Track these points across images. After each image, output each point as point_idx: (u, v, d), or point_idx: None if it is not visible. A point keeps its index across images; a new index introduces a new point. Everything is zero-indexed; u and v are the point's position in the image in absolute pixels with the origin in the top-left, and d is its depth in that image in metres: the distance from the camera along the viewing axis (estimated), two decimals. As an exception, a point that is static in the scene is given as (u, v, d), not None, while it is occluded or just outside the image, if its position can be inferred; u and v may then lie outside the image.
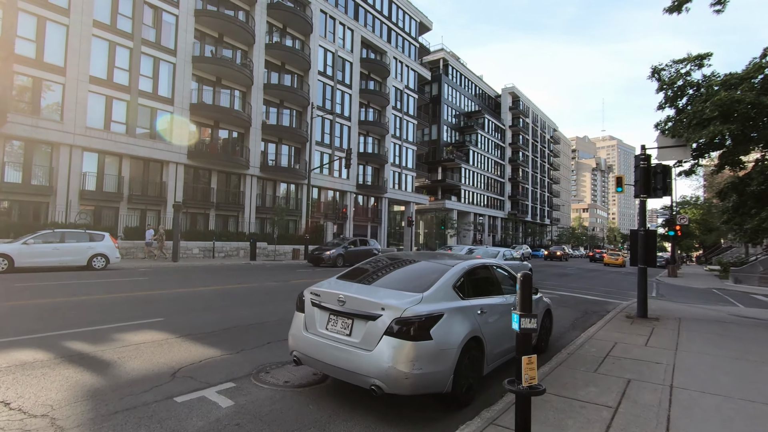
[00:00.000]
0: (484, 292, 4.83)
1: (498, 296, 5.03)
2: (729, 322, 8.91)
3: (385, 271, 4.84)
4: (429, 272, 4.47)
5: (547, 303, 6.61)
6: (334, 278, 4.78)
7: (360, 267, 5.05)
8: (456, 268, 4.52)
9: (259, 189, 31.46)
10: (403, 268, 4.88)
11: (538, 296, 6.23)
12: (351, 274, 4.86)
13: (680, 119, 8.68)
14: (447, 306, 3.95)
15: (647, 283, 9.35)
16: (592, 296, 13.67)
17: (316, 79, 35.38)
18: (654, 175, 9.09)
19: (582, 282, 19.49)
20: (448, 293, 4.11)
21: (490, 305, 4.67)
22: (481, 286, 4.93)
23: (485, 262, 5.25)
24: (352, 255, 21.96)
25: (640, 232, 9.13)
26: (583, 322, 9.16)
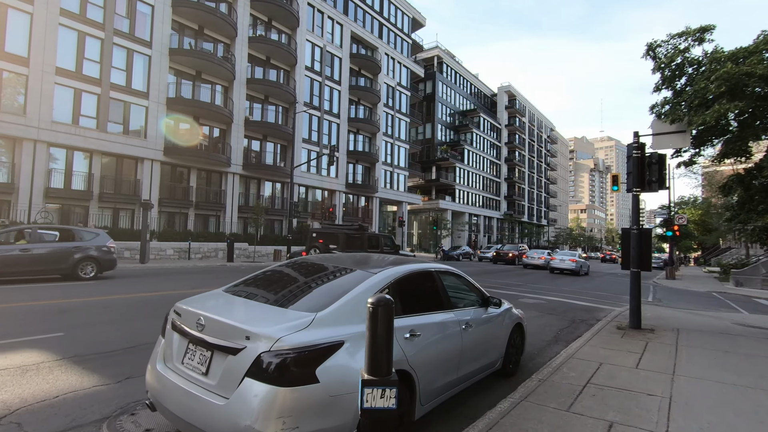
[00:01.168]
0: (421, 308, 3.69)
1: (443, 312, 3.89)
2: (735, 335, 7.78)
3: (290, 281, 3.69)
4: (343, 283, 3.32)
5: (517, 316, 5.47)
6: (222, 289, 3.64)
7: (262, 275, 3.91)
8: (377, 276, 3.38)
9: (242, 188, 30.31)
10: (317, 278, 3.73)
11: (504, 308, 5.10)
12: (247, 283, 3.72)
13: (678, 102, 7.57)
14: (352, 330, 2.81)
15: (641, 288, 8.22)
16: (583, 302, 12.54)
17: (303, 75, 34.25)
18: (648, 166, 7.96)
19: (575, 285, 18.38)
20: (358, 312, 2.97)
21: (427, 325, 3.53)
22: (420, 300, 3.79)
23: (428, 267, 4.10)
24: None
25: (633, 230, 8.00)
26: (569, 333, 8.02)
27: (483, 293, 4.80)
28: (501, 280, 18.90)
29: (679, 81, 7.79)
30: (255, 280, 3.74)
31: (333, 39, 37.64)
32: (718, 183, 37.59)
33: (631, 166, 8.14)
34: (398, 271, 3.58)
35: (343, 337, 2.73)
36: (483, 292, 4.80)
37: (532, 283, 17.83)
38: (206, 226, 27.73)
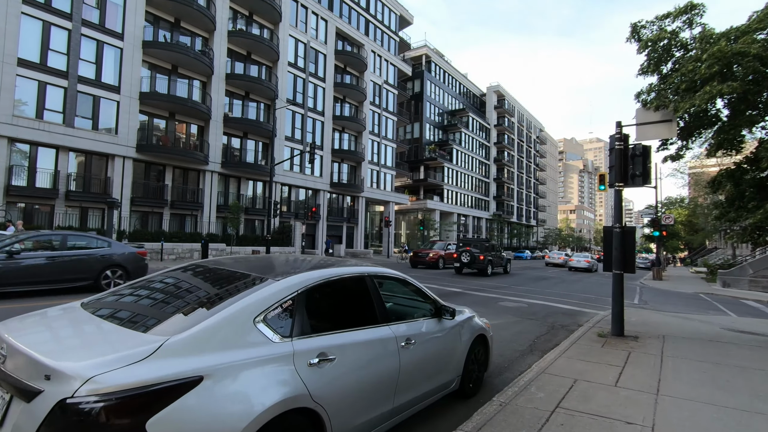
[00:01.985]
0: (344, 323, 2.94)
1: (375, 327, 3.15)
2: (726, 342, 7.16)
3: (174, 291, 2.92)
4: (232, 296, 2.55)
5: (480, 326, 4.74)
6: (81, 301, 2.84)
7: (145, 282, 3.12)
8: (276, 286, 2.61)
9: (221, 186, 29.32)
10: (210, 287, 2.95)
11: (461, 318, 4.38)
12: (118, 293, 2.93)
13: (665, 88, 6.94)
14: (220, 361, 2.06)
15: (625, 291, 7.58)
16: (566, 305, 11.91)
17: (285, 71, 33.35)
18: (632, 158, 7.32)
19: (560, 287, 17.79)
20: (236, 333, 2.21)
21: (346, 345, 2.78)
22: (342, 314, 3.05)
23: (359, 271, 3.35)
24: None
25: (615, 229, 7.35)
26: (546, 341, 7.34)
27: (436, 302, 4.07)
28: (482, 282, 18.25)
29: (666, 66, 7.16)
30: (132, 289, 2.96)
31: (317, 35, 36.80)
32: (704, 182, 37.50)
33: (614, 159, 7.49)
34: (310, 277, 2.82)
35: (203, 370, 1.97)
36: (435, 301, 4.07)
37: (517, 285, 17.21)
38: (182, 227, 26.72)
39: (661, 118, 7.05)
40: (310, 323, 2.66)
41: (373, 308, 3.24)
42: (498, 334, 7.51)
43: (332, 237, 38.30)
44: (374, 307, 3.25)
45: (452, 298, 12.05)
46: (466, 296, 12.69)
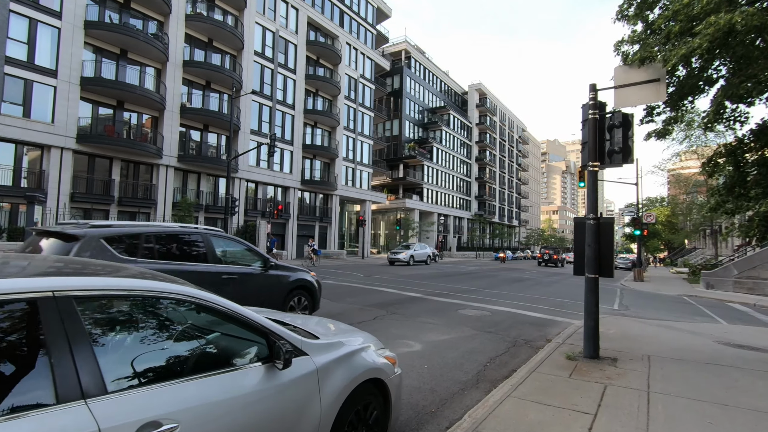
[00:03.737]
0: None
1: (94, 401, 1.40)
2: (727, 365, 5.61)
3: None
4: None
5: (370, 366, 2.99)
6: None
7: None
8: None
9: (178, 182, 27.18)
10: None
11: (332, 356, 2.66)
12: None
13: (650, 37, 5.39)
14: None
15: (599, 300, 6.00)
16: (536, 312, 10.34)
17: (251, 61, 31.38)
18: (609, 130, 5.74)
19: (534, 290, 16.29)
20: None
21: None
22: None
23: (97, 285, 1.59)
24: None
25: (589, 221, 5.75)
26: (500, 366, 5.69)
27: (267, 335, 2.33)
28: (453, 284, 16.65)
29: (652, 13, 5.59)
30: None
31: (287, 24, 34.87)
32: (685, 180, 36.75)
33: (586, 134, 5.90)
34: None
35: None
36: (267, 334, 2.34)
37: (488, 289, 15.64)
38: (133, 225, 24.47)
39: (647, 77, 5.48)
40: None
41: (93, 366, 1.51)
42: (442, 356, 5.85)
43: (304, 237, 36.37)
44: (88, 371, 1.51)
45: (405, 305, 10.38)
46: (424, 302, 11.04)
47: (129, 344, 1.85)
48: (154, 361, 1.88)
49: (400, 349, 6.22)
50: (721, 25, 3.88)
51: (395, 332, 7.33)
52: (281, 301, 6.93)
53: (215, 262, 6.09)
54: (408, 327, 7.82)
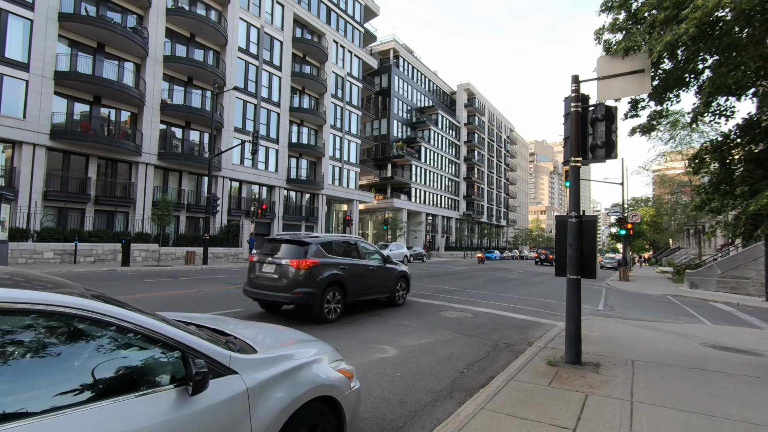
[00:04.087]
0: None
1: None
2: (713, 370, 5.38)
3: None
4: None
5: (319, 382, 2.63)
6: None
7: None
8: None
9: (159, 180, 26.47)
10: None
11: (270, 373, 2.28)
12: None
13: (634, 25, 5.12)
14: None
15: (581, 303, 5.73)
16: (520, 314, 10.07)
17: (235, 57, 30.75)
18: (592, 124, 5.47)
19: (520, 291, 16.08)
20: None
21: None
22: None
23: None
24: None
25: (571, 219, 5.47)
26: (478, 372, 5.38)
27: (184, 352, 1.95)
28: (437, 285, 16.36)
29: (636, 1, 5.33)
30: None
31: (272, 20, 34.29)
32: (670, 180, 37.06)
33: (569, 128, 5.62)
34: None
35: None
36: (183, 350, 1.96)
37: (472, 290, 15.38)
38: (111, 225, 23.75)
39: (631, 68, 5.21)
40: None
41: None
42: (417, 363, 5.51)
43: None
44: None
45: (385, 307, 10.03)
46: (405, 303, 10.70)
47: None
48: (22, 391, 1.49)
49: (374, 354, 5.87)
50: (709, 8, 3.61)
51: (371, 336, 6.98)
52: (393, 285, 10.27)
53: (363, 258, 9.45)
54: (385, 330, 7.48)
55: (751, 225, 5.28)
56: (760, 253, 18.77)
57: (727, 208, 6.36)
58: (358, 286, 8.88)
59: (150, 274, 15.61)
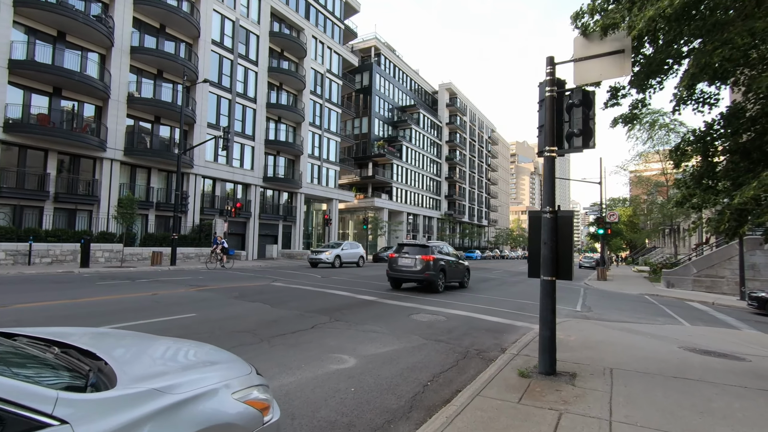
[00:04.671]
0: None
1: None
2: (696, 380, 4.95)
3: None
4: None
5: (216, 420, 2.02)
6: None
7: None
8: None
9: (126, 177, 25.23)
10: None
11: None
12: None
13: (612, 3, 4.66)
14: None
15: (555, 308, 5.25)
16: (495, 317, 9.60)
17: (209, 50, 29.66)
18: (568, 110, 4.98)
19: (499, 291, 15.68)
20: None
21: None
22: None
23: None
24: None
25: (545, 215, 4.97)
26: (443, 385, 4.82)
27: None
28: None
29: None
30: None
31: (248, 13, 33.27)
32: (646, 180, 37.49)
33: (543, 115, 5.12)
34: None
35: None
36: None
37: (448, 290, 14.88)
38: (72, 224, 22.47)
39: (610, 48, 4.74)
40: None
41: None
42: (376, 375, 4.93)
43: (267, 236, 34.89)
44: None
45: (353, 310, 9.43)
46: (376, 307, 10.13)
47: None
48: None
49: (329, 366, 5.26)
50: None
51: (331, 344, 6.36)
52: (462, 275, 15.61)
53: (448, 256, 14.64)
54: (348, 337, 6.87)
55: (736, 221, 4.87)
56: (734, 252, 18.89)
57: (709, 203, 5.97)
58: (450, 273, 14.47)
59: (107, 276, 14.63)
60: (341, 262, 25.82)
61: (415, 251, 13.79)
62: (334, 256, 25.18)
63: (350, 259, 27.12)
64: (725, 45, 3.96)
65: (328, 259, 24.74)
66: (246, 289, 12.46)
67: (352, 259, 27.31)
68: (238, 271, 19.59)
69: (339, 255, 25.65)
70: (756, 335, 9.53)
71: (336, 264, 25.16)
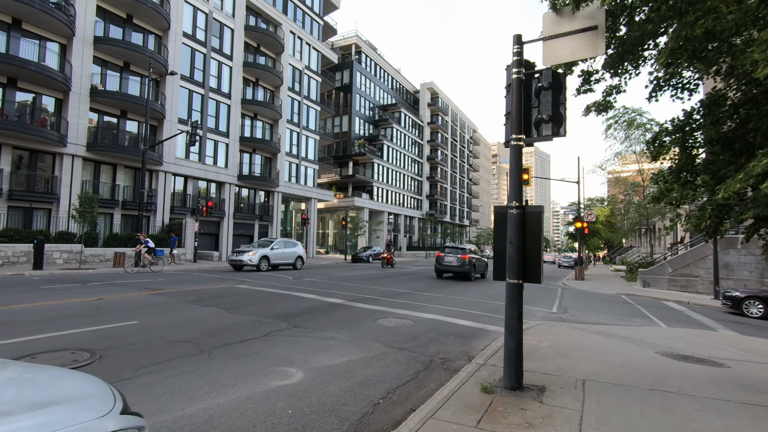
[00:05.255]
0: None
1: None
2: (675, 392, 4.51)
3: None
4: None
5: None
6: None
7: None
8: None
9: (89, 174, 23.97)
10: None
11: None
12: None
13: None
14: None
15: (522, 314, 4.76)
16: (467, 320, 9.11)
17: (180, 43, 28.52)
18: (537, 94, 4.47)
19: (476, 292, 15.24)
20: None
21: None
22: None
23: None
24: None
25: (512, 210, 4.45)
26: (398, 403, 4.25)
27: None
28: (388, 287, 15.27)
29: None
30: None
31: (222, 5, 32.20)
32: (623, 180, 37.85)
33: (510, 101, 4.60)
34: None
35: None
36: None
37: (425, 291, 14.40)
38: (29, 223, 21.18)
39: (582, 25, 4.26)
40: None
41: None
42: (322, 392, 4.33)
43: (242, 236, 33.85)
44: None
45: (316, 315, 8.80)
46: (342, 311, 9.52)
47: None
48: None
49: (270, 382, 4.63)
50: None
51: (281, 354, 5.73)
52: (484, 270, 21.43)
53: (474, 254, 20.54)
54: (302, 346, 6.25)
55: (717, 218, 4.45)
56: (709, 251, 18.94)
57: (687, 199, 5.57)
58: (478, 267, 19.96)
59: (57, 279, 13.61)
60: (270, 264, 21.09)
61: (455, 252, 19.60)
62: (260, 257, 20.45)
63: (282, 261, 22.19)
64: (708, 14, 3.51)
65: (251, 261, 20.12)
66: (206, 292, 11.69)
67: (284, 260, 22.29)
68: (205, 273, 18.70)
69: (267, 256, 20.91)
70: (731, 336, 9.29)
71: (262, 267, 20.54)
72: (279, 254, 21.95)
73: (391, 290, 14.18)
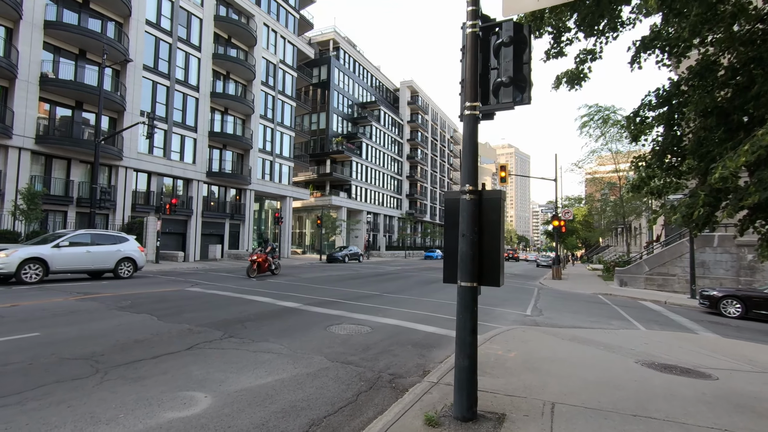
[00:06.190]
0: None
1: None
2: (660, 419, 3.70)
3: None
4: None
5: None
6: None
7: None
8: None
9: (39, 169, 22.30)
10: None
11: None
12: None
13: None
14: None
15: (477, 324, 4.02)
16: (429, 326, 8.25)
17: (142, 31, 26.94)
18: (496, 52, 3.61)
19: (448, 294, 14.41)
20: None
21: None
22: None
23: None
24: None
25: (465, 197, 3.57)
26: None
27: None
28: (356, 288, 14.34)
29: None
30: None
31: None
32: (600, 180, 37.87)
33: (466, 62, 3.73)
34: None
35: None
36: None
37: (394, 293, 13.52)
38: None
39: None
40: None
41: None
42: (229, 425, 3.33)
43: (211, 236, 32.37)
44: None
45: (261, 322, 7.79)
46: (293, 316, 8.54)
47: None
48: None
49: (164, 413, 3.64)
50: None
51: (195, 374, 4.73)
52: None
53: None
54: (226, 362, 5.25)
55: (711, 206, 3.68)
56: (685, 250, 18.66)
57: (670, 188, 4.82)
58: None
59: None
60: (48, 269, 12.63)
61: None
62: (20, 261, 11.99)
63: (85, 266, 13.81)
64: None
65: (2, 268, 11.70)
66: (146, 296, 10.52)
67: (89, 264, 13.85)
68: (161, 275, 17.39)
69: (44, 258, 12.53)
70: (713, 339, 8.71)
71: (29, 277, 12.14)
72: (75, 256, 13.43)
73: (357, 292, 13.25)
